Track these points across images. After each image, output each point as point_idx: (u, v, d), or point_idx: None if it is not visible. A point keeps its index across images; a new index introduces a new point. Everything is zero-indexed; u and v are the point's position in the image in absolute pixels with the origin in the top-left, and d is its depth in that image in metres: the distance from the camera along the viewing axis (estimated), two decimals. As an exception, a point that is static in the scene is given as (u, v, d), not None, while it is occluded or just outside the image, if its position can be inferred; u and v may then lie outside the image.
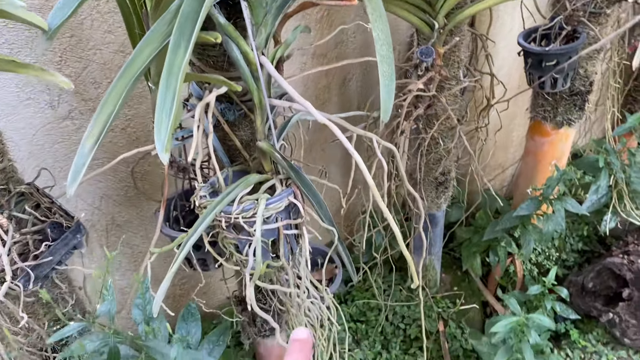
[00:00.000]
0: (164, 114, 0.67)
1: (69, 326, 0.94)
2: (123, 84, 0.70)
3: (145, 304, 1.10)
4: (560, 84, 1.64)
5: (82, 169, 0.71)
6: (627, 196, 2.04)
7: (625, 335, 1.97)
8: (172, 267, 0.94)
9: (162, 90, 0.68)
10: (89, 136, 0.71)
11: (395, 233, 0.89)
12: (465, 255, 2.14)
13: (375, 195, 0.87)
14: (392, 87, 0.87)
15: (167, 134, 0.66)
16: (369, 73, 2.03)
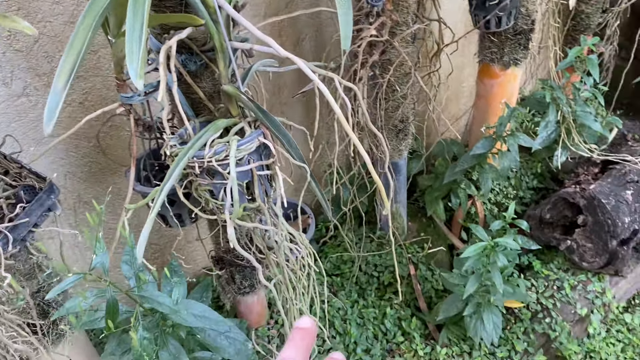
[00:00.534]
0: (134, 43, 0.68)
1: (68, 279, 0.94)
2: (90, 19, 0.71)
3: (133, 259, 1.12)
4: (505, 22, 1.71)
5: (57, 108, 0.72)
6: (574, 130, 2.15)
7: (583, 259, 2.10)
8: (151, 212, 0.96)
9: (130, 22, 0.69)
10: (60, 75, 0.72)
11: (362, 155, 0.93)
12: (428, 201, 2.22)
13: (341, 120, 0.91)
14: (350, 16, 0.91)
15: (140, 60, 0.67)
16: (321, 32, 2.06)
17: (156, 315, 1.15)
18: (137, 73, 0.67)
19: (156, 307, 1.04)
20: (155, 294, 1.05)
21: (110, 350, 1.17)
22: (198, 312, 1.18)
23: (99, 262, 0.98)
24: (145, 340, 1.09)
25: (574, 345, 2.00)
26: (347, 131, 0.95)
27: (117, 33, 1.00)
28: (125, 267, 1.12)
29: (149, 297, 1.06)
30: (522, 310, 2.04)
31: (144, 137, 1.31)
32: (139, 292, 1.08)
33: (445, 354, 1.89)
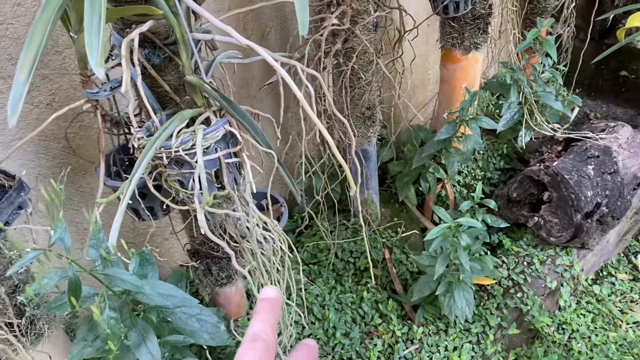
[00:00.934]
0: (93, 34, 0.71)
1: (28, 255, 0.95)
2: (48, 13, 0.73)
3: (99, 243, 1.13)
4: (462, 7, 1.76)
5: (20, 100, 0.74)
6: (536, 110, 2.22)
7: (550, 234, 2.17)
8: (122, 202, 0.98)
9: (87, 14, 0.72)
10: (22, 68, 0.74)
11: (327, 140, 0.96)
12: (399, 186, 2.27)
13: (304, 106, 0.94)
14: (306, 3, 0.94)
15: (99, 50, 0.70)
16: (286, 25, 2.09)
17: (123, 297, 1.16)
18: (98, 62, 0.69)
19: (119, 284, 1.05)
20: (118, 271, 1.07)
21: (81, 336, 1.17)
22: (164, 290, 1.18)
23: (58, 237, 0.99)
24: (112, 320, 1.09)
25: (545, 318, 2.07)
26: (309, 115, 0.98)
27: (79, 29, 1.01)
28: (92, 251, 1.13)
29: (112, 275, 1.07)
30: (494, 287, 2.10)
31: (112, 132, 1.32)
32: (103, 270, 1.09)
33: (422, 332, 1.94)
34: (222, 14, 1.85)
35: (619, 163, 2.15)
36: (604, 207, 2.08)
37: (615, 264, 2.51)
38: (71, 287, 1.00)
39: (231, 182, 1.16)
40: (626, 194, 2.16)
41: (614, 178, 2.12)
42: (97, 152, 1.73)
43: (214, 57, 1.25)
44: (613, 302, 2.34)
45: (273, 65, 0.94)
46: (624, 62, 3.06)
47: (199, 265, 1.64)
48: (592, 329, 2.23)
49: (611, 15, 2.61)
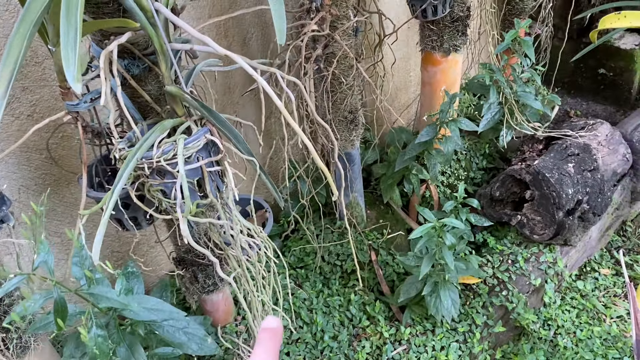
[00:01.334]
0: (69, 49, 0.71)
1: (11, 280, 0.95)
2: (25, 28, 0.73)
3: (82, 260, 1.13)
4: (440, 10, 1.78)
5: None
6: (517, 110, 2.25)
7: (533, 232, 2.20)
8: (104, 215, 0.99)
9: (64, 28, 0.72)
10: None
11: (308, 146, 0.97)
12: (384, 188, 2.28)
13: (284, 113, 0.95)
14: (282, 11, 0.95)
15: (76, 65, 0.70)
16: (267, 31, 2.10)
17: (110, 313, 1.16)
18: (74, 77, 0.69)
19: (105, 303, 1.06)
20: (103, 290, 1.07)
21: (69, 353, 1.18)
22: (151, 305, 1.19)
23: (42, 261, 1.00)
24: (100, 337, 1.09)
25: (531, 315, 2.10)
26: (290, 123, 0.99)
27: (57, 42, 1.01)
28: (75, 269, 1.13)
29: (98, 294, 1.07)
30: (479, 286, 2.13)
31: (94, 143, 1.32)
32: (88, 290, 1.09)
33: (409, 333, 1.96)
34: (202, 21, 1.86)
35: (598, 160, 2.19)
36: (585, 204, 2.12)
37: (598, 259, 2.55)
38: (57, 308, 1.00)
39: (214, 190, 1.17)
40: (606, 190, 2.20)
41: (594, 175, 2.16)
42: (80, 162, 1.73)
43: (195, 65, 1.26)
44: (597, 297, 2.38)
45: (252, 74, 0.95)
46: (602, 60, 3.11)
47: (185, 273, 1.64)
48: (577, 324, 2.26)
49: (588, 15, 2.66)
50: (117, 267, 2.04)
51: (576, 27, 2.98)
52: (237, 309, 1.94)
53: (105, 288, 1.08)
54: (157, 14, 1.00)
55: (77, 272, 1.11)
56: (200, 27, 1.60)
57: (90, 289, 1.07)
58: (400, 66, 2.43)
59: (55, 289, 1.00)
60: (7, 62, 0.74)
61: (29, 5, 0.75)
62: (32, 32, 0.75)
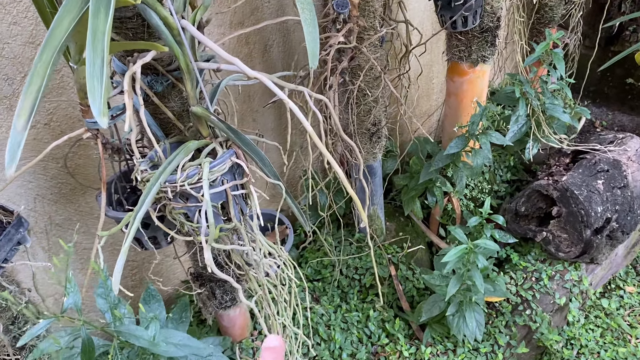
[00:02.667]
0: (95, 80, 0.66)
1: (39, 324, 0.91)
2: (48, 55, 0.68)
3: (107, 291, 1.09)
4: (471, 21, 1.72)
5: (19, 148, 0.70)
6: (544, 122, 2.18)
7: (559, 250, 2.13)
8: (125, 243, 0.94)
9: (89, 57, 0.67)
10: (21, 113, 0.70)
11: (336, 171, 0.92)
12: (405, 200, 2.22)
13: (314, 138, 0.90)
14: (316, 34, 0.90)
15: (102, 98, 0.65)
16: (289, 38, 2.04)
17: (135, 347, 1.13)
18: (101, 111, 0.65)
19: (134, 341, 1.02)
20: (132, 328, 1.03)
21: (91, 387, 1.14)
22: (177, 340, 1.15)
23: (71, 303, 0.95)
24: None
25: (554, 335, 2.03)
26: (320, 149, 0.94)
27: (79, 60, 0.97)
28: (101, 301, 1.09)
29: (126, 332, 1.03)
30: (502, 304, 2.07)
31: (113, 159, 1.28)
32: (115, 327, 1.05)
33: (430, 352, 1.90)
34: (223, 29, 1.81)
35: (628, 177, 2.12)
36: (614, 222, 2.05)
37: (624, 276, 2.48)
38: (84, 349, 0.96)
39: (237, 213, 1.12)
40: (636, 207, 2.12)
41: (624, 192, 2.09)
42: (97, 171, 1.69)
43: (219, 81, 1.20)
44: (622, 316, 2.31)
45: (283, 99, 0.90)
46: (630, 69, 3.02)
47: (203, 289, 1.60)
48: (601, 344, 2.19)
49: (617, 23, 2.58)
50: (133, 277, 2.01)
51: (604, 35, 2.90)
52: (254, 323, 1.90)
53: (134, 326, 1.04)
54: (183, 32, 0.95)
55: (103, 304, 1.07)
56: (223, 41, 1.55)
57: (118, 327, 1.02)
58: (422, 73, 2.36)
59: (83, 329, 0.96)
60: (30, 91, 0.69)
61: (52, 31, 0.70)
62: (56, 59, 0.70)
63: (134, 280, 2.03)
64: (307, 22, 0.89)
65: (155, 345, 1.02)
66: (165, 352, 1.07)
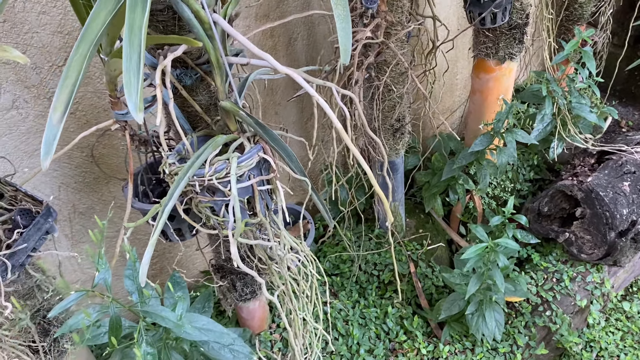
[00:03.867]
0: (131, 75, 0.66)
1: (70, 296, 0.93)
2: (84, 48, 0.69)
3: (135, 273, 1.10)
4: (500, 18, 1.69)
5: (54, 142, 0.70)
6: (570, 122, 2.14)
7: (582, 251, 2.10)
8: (153, 235, 0.94)
9: (126, 51, 0.67)
10: (56, 107, 0.70)
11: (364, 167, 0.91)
12: (427, 197, 2.21)
13: (342, 134, 0.89)
14: (349, 29, 0.89)
15: (138, 93, 0.65)
16: (313, 31, 2.03)
17: (159, 330, 1.14)
18: (137, 106, 0.65)
19: (160, 322, 1.03)
20: (158, 308, 1.04)
21: (114, 366, 1.16)
22: (201, 325, 1.17)
23: (102, 278, 0.97)
24: (149, 355, 1.08)
25: (574, 337, 2.01)
26: (347, 143, 0.93)
27: (110, 51, 0.97)
28: (128, 282, 1.11)
29: (153, 312, 1.05)
30: (522, 304, 2.05)
31: (140, 151, 1.28)
32: (142, 307, 1.06)
33: (448, 351, 1.90)
34: (249, 20, 1.81)
35: (655, 179, 2.08)
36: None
37: (646, 279, 2.44)
38: (112, 326, 0.97)
39: (263, 209, 1.12)
40: (662, 210, 2.08)
41: (650, 195, 2.05)
42: (122, 161, 1.70)
43: (247, 75, 1.20)
44: (643, 320, 2.27)
45: (313, 95, 0.89)
46: (659, 69, 2.95)
47: (224, 281, 1.60)
48: (621, 348, 2.16)
49: (648, 21, 2.52)
50: (154, 265, 2.02)
51: (634, 33, 2.83)
52: (272, 316, 1.91)
53: (160, 307, 1.05)
54: (214, 26, 0.95)
55: (130, 285, 1.08)
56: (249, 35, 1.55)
57: (145, 307, 1.04)
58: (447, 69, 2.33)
59: (112, 306, 0.97)
60: (65, 85, 0.70)
61: (89, 24, 0.70)
62: (92, 52, 0.70)
63: (154, 269, 2.05)
64: (340, 17, 0.88)
65: (180, 327, 1.03)
66: (189, 334, 1.09)
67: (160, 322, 1.03)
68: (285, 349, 1.79)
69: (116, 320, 1.00)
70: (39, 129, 1.47)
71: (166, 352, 1.18)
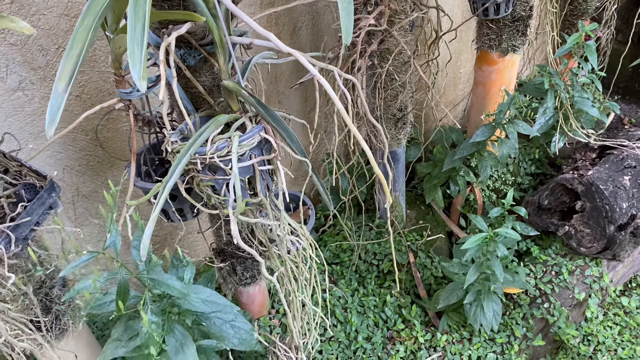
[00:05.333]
0: (135, 44, 0.68)
1: (81, 257, 0.95)
2: (90, 20, 0.70)
3: (141, 244, 1.12)
4: (503, 9, 1.70)
5: (59, 111, 0.72)
6: (572, 116, 2.15)
7: (581, 244, 2.11)
8: (154, 211, 0.96)
9: (130, 21, 0.68)
10: (61, 77, 0.71)
11: (365, 150, 0.92)
12: (427, 189, 2.22)
13: (343, 115, 0.90)
14: (351, 10, 0.90)
15: (142, 62, 0.67)
16: (318, 20, 2.04)
17: (163, 301, 1.16)
18: (140, 75, 0.66)
19: (166, 289, 1.05)
20: (165, 276, 1.06)
21: (116, 336, 1.17)
22: (206, 296, 1.18)
23: (112, 242, 0.98)
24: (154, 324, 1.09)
25: (572, 330, 2.02)
26: (348, 125, 0.94)
27: (115, 29, 0.98)
28: (135, 252, 1.13)
29: (159, 280, 1.06)
30: (520, 296, 2.06)
31: (143, 131, 1.30)
32: (149, 274, 1.08)
33: (446, 340, 1.91)
34: (254, 8, 1.82)
35: (656, 174, 2.08)
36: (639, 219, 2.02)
37: (645, 275, 2.44)
38: (120, 290, 0.99)
39: (264, 189, 1.14)
40: (662, 206, 2.09)
41: (650, 189, 2.06)
42: (125, 145, 1.72)
43: (250, 58, 1.21)
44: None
45: (315, 74, 0.90)
46: (663, 66, 2.95)
47: (224, 265, 1.62)
48: (619, 342, 2.17)
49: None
50: (156, 251, 2.04)
51: (638, 30, 2.83)
52: (272, 301, 1.92)
53: (166, 275, 1.07)
54: (219, 5, 0.96)
55: (137, 255, 1.10)
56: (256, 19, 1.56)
57: (151, 274, 1.05)
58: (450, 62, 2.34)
59: (120, 271, 0.99)
60: (70, 55, 0.71)
61: (95, -5, 0.72)
62: (97, 25, 0.72)
63: (156, 253, 2.07)
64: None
65: (186, 295, 1.05)
66: (194, 305, 1.10)
67: (166, 290, 1.05)
68: (284, 334, 1.81)
69: (124, 285, 1.02)
70: (44, 110, 1.48)
71: (169, 324, 1.20)
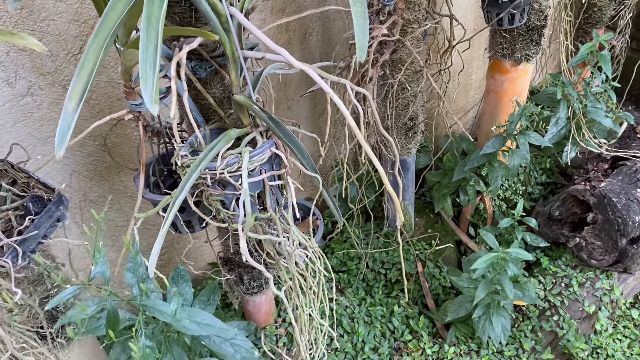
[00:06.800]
0: (148, 66, 0.66)
1: (66, 290, 0.93)
2: (101, 39, 0.68)
3: (137, 267, 1.10)
4: (518, 19, 1.67)
5: (68, 131, 0.70)
6: (584, 126, 2.12)
7: (591, 257, 2.08)
8: (163, 226, 0.95)
9: (143, 43, 0.67)
10: (72, 96, 0.70)
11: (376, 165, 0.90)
12: (437, 197, 2.20)
13: (355, 131, 0.88)
14: (366, 27, 0.88)
15: (154, 85, 0.65)
16: (328, 27, 2.02)
17: (160, 322, 1.14)
18: (152, 98, 0.64)
19: (157, 316, 1.03)
20: (157, 302, 1.04)
21: (114, 357, 1.16)
22: (201, 319, 1.16)
23: (99, 272, 0.97)
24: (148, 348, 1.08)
25: (581, 343, 2.00)
26: (359, 140, 0.93)
27: (126, 42, 0.97)
28: (129, 275, 1.11)
29: (151, 307, 1.05)
30: (529, 308, 2.03)
31: (152, 142, 1.29)
32: (141, 301, 1.06)
33: (453, 352, 1.89)
34: (264, 14, 1.80)
35: (669, 186, 2.05)
36: (652, 232, 1.99)
37: (656, 287, 2.41)
38: (109, 319, 0.97)
39: (273, 204, 1.12)
40: (675, 219, 2.06)
41: (664, 202, 2.02)
42: (133, 150, 1.71)
43: (261, 69, 1.20)
44: (651, 328, 2.25)
45: (328, 92, 0.89)
46: (676, 74, 2.91)
47: (231, 274, 1.61)
48: (628, 355, 2.14)
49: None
50: (161, 257, 2.03)
51: (652, 37, 2.80)
52: (278, 310, 1.91)
53: (158, 301, 1.05)
54: (231, 19, 0.94)
55: (130, 279, 1.08)
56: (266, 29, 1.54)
57: (144, 300, 1.04)
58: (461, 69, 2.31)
59: (109, 299, 0.97)
60: (81, 74, 0.70)
61: (106, 14, 0.70)
62: (109, 44, 0.70)
63: (162, 259, 2.06)
64: (357, 14, 0.87)
65: (177, 321, 1.03)
66: (187, 329, 1.09)
67: (158, 316, 1.04)
68: (290, 344, 1.79)
69: (113, 314, 1.00)
70: (52, 116, 1.47)
71: (167, 345, 1.18)
